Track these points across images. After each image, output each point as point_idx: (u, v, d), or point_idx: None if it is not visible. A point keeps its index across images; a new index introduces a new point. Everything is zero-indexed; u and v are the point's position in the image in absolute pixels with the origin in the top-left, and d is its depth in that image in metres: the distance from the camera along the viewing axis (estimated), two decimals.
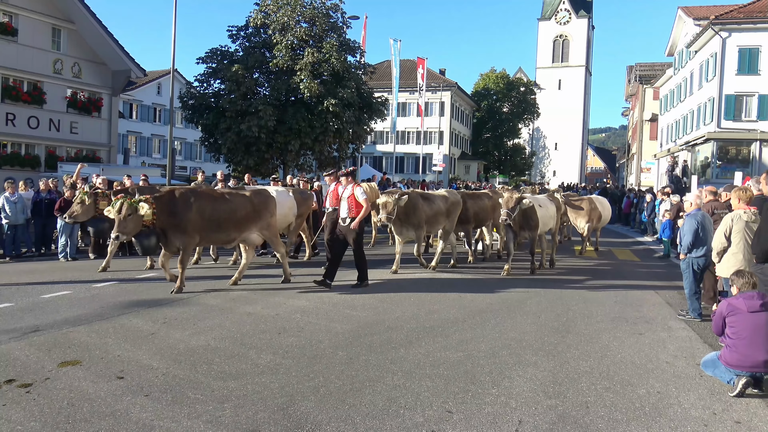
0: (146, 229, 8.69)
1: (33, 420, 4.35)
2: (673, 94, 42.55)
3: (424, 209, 11.80)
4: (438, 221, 12.28)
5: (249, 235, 10.01)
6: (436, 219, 12.16)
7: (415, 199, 11.68)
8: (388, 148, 48.89)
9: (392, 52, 35.52)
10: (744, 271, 5.76)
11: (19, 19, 24.66)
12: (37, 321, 7.19)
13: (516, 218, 11.49)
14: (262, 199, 10.26)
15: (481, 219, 13.99)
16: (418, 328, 7.35)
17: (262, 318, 7.65)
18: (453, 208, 12.64)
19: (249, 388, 5.10)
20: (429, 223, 12.02)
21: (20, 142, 25.66)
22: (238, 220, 9.67)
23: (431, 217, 11.98)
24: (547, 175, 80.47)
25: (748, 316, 5.29)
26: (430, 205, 12.02)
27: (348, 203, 9.90)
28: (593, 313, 8.57)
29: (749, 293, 5.41)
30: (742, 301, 5.37)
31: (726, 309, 5.47)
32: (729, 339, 5.42)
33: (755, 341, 5.22)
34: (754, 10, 31.20)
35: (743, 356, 5.24)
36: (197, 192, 9.49)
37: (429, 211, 11.92)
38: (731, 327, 5.40)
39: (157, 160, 45.68)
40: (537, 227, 12.05)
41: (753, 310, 5.29)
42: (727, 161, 31.60)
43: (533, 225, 11.96)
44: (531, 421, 4.59)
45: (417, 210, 11.62)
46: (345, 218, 9.91)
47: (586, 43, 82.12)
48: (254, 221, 9.93)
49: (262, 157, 28.28)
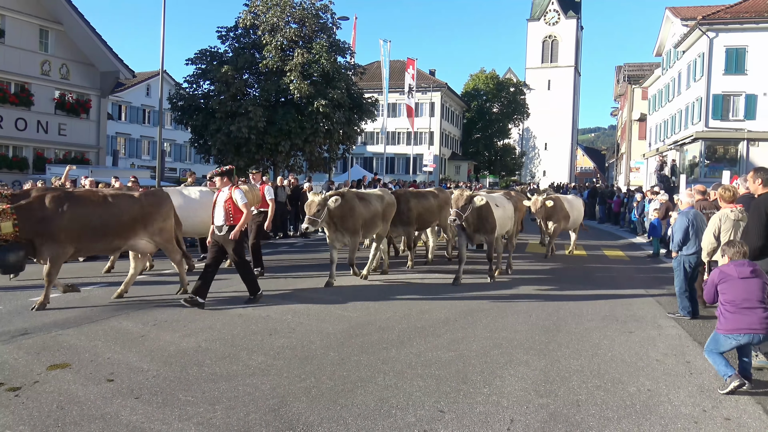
0: (7, 243, 7.48)
1: (22, 424, 4.31)
2: (662, 94, 42.84)
3: (361, 211, 10.43)
4: (375, 224, 10.98)
5: (137, 242, 8.79)
6: (373, 222, 10.86)
7: (351, 200, 10.29)
8: (379, 149, 48.89)
9: (382, 53, 35.54)
10: (735, 241, 5.79)
11: (6, 20, 24.48)
12: (25, 324, 7.12)
13: (469, 219, 10.30)
14: (153, 200, 9.00)
15: (426, 220, 12.70)
16: (410, 328, 7.35)
17: (252, 319, 7.62)
18: (389, 210, 11.45)
19: (240, 390, 5.08)
20: (366, 227, 10.68)
21: (8, 144, 25.47)
22: (122, 225, 8.44)
23: (368, 220, 10.66)
24: (537, 175, 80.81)
25: (738, 281, 5.36)
26: (367, 207, 10.67)
27: (225, 209, 8.45)
28: (583, 311, 8.61)
29: (740, 261, 5.46)
30: (732, 268, 5.43)
31: (717, 276, 5.52)
32: (722, 306, 5.48)
33: (748, 305, 5.30)
34: (741, 11, 31.47)
35: (738, 321, 5.31)
36: (73, 195, 8.27)
37: (366, 213, 10.57)
38: (723, 294, 5.45)
39: (147, 162, 45.49)
40: (494, 229, 10.84)
41: (743, 276, 5.35)
42: (715, 160, 31.83)
43: (489, 227, 10.73)
44: (522, 419, 4.60)
45: (354, 212, 10.23)
46: (221, 226, 8.46)
47: (575, 43, 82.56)
48: (143, 226, 8.70)
49: (252, 158, 28.21)
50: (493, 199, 11.45)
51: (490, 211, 10.72)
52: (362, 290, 9.86)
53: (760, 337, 5.26)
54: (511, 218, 11.97)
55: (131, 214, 8.55)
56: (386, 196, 11.54)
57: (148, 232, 8.80)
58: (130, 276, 9.00)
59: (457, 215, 9.96)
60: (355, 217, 10.23)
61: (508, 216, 11.70)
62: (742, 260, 5.47)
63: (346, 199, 10.11)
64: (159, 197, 9.23)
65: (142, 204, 8.75)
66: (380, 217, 11.08)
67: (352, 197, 10.40)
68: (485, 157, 64.87)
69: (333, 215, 9.89)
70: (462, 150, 66.12)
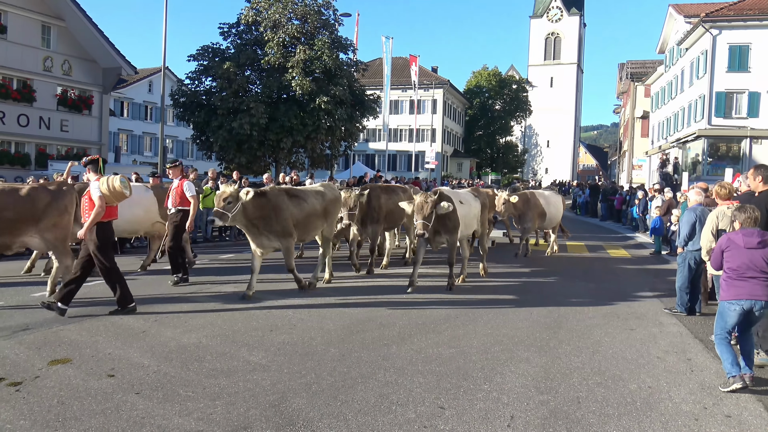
0: None
1: (23, 418, 4.32)
2: (664, 91, 42.75)
3: (292, 211, 9.08)
4: (313, 225, 9.64)
5: (29, 240, 8.22)
6: (310, 223, 9.50)
7: (276, 198, 8.93)
8: (381, 146, 48.87)
9: (384, 50, 35.49)
10: (746, 206, 5.72)
11: (8, 17, 24.48)
12: (26, 319, 7.13)
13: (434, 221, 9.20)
14: (45, 195, 8.22)
15: (396, 218, 11.80)
16: (410, 324, 7.35)
17: (253, 315, 7.62)
18: (332, 207, 10.10)
19: (240, 386, 5.08)
20: (302, 229, 9.35)
21: (10, 140, 25.50)
22: (7, 221, 7.86)
23: (304, 220, 9.32)
24: (539, 173, 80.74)
25: (744, 251, 5.36)
26: (300, 205, 9.30)
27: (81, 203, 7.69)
28: (585, 309, 8.60)
29: (750, 230, 5.44)
30: (740, 237, 5.43)
31: (725, 243, 5.53)
32: (725, 273, 5.50)
33: (751, 275, 5.32)
34: (744, 8, 31.38)
35: (740, 287, 5.34)
36: None
37: (299, 212, 9.22)
38: (727, 261, 5.47)
39: (149, 158, 45.50)
40: (456, 229, 9.73)
41: (749, 246, 5.35)
42: (717, 158, 31.80)
43: (451, 226, 9.64)
44: (523, 416, 4.60)
45: (280, 212, 8.85)
46: None
47: (578, 40, 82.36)
48: (34, 222, 8.04)
49: (254, 154, 28.24)
50: (457, 195, 10.38)
51: (453, 209, 9.60)
52: (362, 287, 9.86)
53: (762, 304, 5.29)
54: (477, 216, 10.92)
55: (17, 210, 7.91)
56: (328, 192, 10.17)
57: (38, 229, 8.10)
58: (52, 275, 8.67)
59: (424, 226, 8.85)
60: (282, 217, 8.83)
61: (473, 215, 10.67)
62: (752, 229, 5.45)
63: (269, 198, 8.80)
64: (54, 191, 8.36)
65: (33, 198, 8.08)
66: (320, 216, 9.73)
67: (277, 195, 9.01)
68: (487, 154, 64.85)
69: (251, 215, 8.50)
70: (464, 147, 66.08)
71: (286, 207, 8.95)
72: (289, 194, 9.34)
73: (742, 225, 5.55)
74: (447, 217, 9.44)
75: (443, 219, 9.40)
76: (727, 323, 5.48)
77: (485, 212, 11.48)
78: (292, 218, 9.01)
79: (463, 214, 9.98)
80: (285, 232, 8.88)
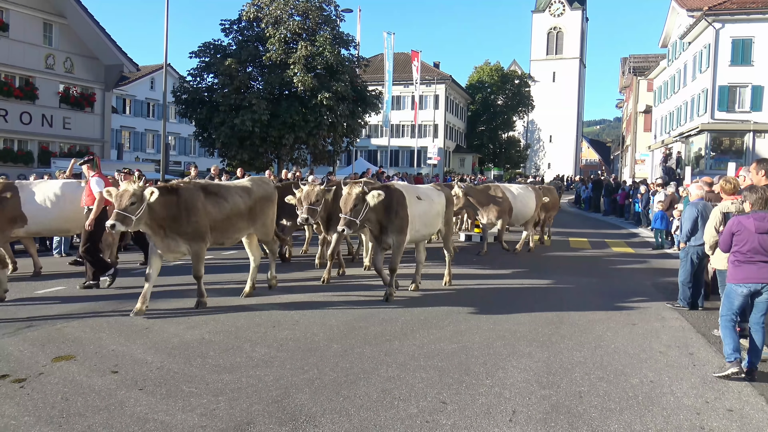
0: None
1: (27, 414, 4.34)
2: (667, 85, 42.61)
3: (208, 210, 7.78)
4: (235, 227, 8.33)
5: None
6: (231, 224, 8.23)
7: (188, 195, 7.62)
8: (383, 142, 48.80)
9: (386, 45, 35.43)
10: (757, 187, 5.71)
11: (10, 14, 24.50)
12: (30, 316, 7.16)
13: (372, 217, 8.20)
14: None
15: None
16: (413, 320, 7.36)
17: (256, 311, 7.64)
18: (261, 206, 8.74)
19: (243, 381, 5.10)
20: (219, 231, 8.05)
21: (13, 138, 25.55)
22: None
23: (222, 221, 8.03)
24: (542, 168, 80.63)
25: (754, 235, 5.38)
26: (219, 204, 7.99)
27: None
28: (587, 303, 8.61)
29: (762, 214, 5.43)
30: (751, 221, 5.42)
31: (735, 226, 5.53)
32: (733, 255, 5.50)
33: (760, 258, 5.34)
34: (747, 1, 31.24)
35: (748, 270, 5.38)
36: None
37: (217, 212, 7.93)
38: (736, 244, 5.49)
39: (151, 155, 45.55)
40: (404, 229, 8.48)
41: (761, 231, 5.36)
42: (720, 152, 31.70)
43: (399, 225, 8.39)
44: (525, 411, 4.61)
45: (192, 211, 7.54)
46: None
47: (580, 35, 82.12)
48: None
49: (256, 151, 28.25)
50: (415, 190, 9.31)
51: (401, 204, 8.44)
52: (364, 282, 9.88)
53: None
54: (440, 214, 9.62)
55: None
56: (256, 188, 8.79)
57: None
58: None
59: (349, 222, 7.83)
60: (194, 218, 7.55)
61: (434, 212, 9.36)
62: (763, 213, 5.43)
63: (181, 195, 7.56)
64: None
65: None
66: (244, 216, 8.42)
67: (191, 192, 7.72)
68: (490, 149, 64.74)
69: (158, 216, 7.31)
70: (466, 143, 66.00)
71: (200, 206, 7.70)
72: (207, 191, 8.03)
73: (752, 206, 5.53)
74: (394, 213, 8.34)
75: (389, 215, 8.33)
76: (733, 305, 5.51)
77: (451, 209, 10.15)
78: (208, 219, 7.78)
79: (421, 212, 8.87)
80: (196, 235, 7.61)
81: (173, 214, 7.44)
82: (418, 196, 9.01)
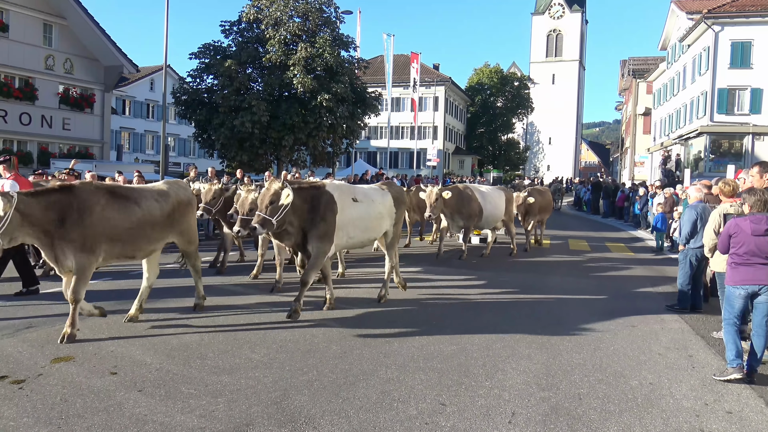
0: None
1: (26, 416, 4.34)
2: (666, 88, 42.65)
3: (109, 216, 6.42)
4: (148, 237, 6.91)
5: None
6: (142, 234, 6.81)
7: (86, 195, 6.32)
8: (382, 144, 48.84)
9: (385, 47, 35.45)
10: (756, 189, 5.71)
11: (10, 15, 24.52)
12: (30, 317, 7.16)
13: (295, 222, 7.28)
14: None
15: None
16: (412, 321, 7.36)
17: (255, 313, 7.64)
18: (181, 212, 7.44)
19: (242, 383, 5.10)
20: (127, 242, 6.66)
21: (12, 138, 25.56)
22: None
23: (131, 230, 6.65)
24: (541, 170, 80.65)
25: (750, 238, 5.39)
26: (127, 209, 6.66)
27: None
28: (586, 305, 8.61)
29: (758, 216, 5.44)
30: (748, 224, 5.43)
31: (732, 228, 5.54)
32: (731, 257, 5.52)
33: (757, 261, 5.36)
34: (747, 4, 31.27)
35: (745, 272, 5.39)
36: None
37: (123, 219, 6.57)
38: (734, 246, 5.50)
39: (151, 156, 45.53)
40: (326, 237, 7.45)
41: (757, 233, 5.36)
42: (719, 155, 31.72)
43: (323, 229, 7.41)
44: (524, 413, 4.61)
45: (86, 215, 6.20)
46: None
47: (580, 37, 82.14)
48: None
49: (256, 152, 28.24)
50: (352, 191, 8.21)
51: (330, 208, 7.48)
52: (364, 284, 9.87)
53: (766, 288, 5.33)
54: (386, 217, 8.54)
55: None
56: (174, 192, 7.45)
57: None
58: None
59: (263, 221, 6.91)
60: (86, 224, 6.20)
61: (375, 215, 8.30)
62: (760, 215, 5.44)
63: (76, 195, 6.26)
64: None
65: None
66: (160, 224, 7.06)
67: (89, 192, 6.39)
68: (489, 151, 64.76)
69: (39, 221, 5.96)
70: (466, 144, 66.02)
71: (98, 210, 6.31)
72: (113, 193, 6.66)
73: (751, 208, 5.54)
74: (319, 218, 7.40)
75: (314, 220, 7.39)
76: (734, 308, 5.52)
77: (402, 209, 9.03)
78: (107, 227, 6.37)
79: (358, 215, 7.91)
80: (85, 247, 6.19)
81: (64, 217, 6.12)
82: (355, 197, 8.02)
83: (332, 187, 7.91)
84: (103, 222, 6.35)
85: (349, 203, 7.81)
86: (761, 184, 6.69)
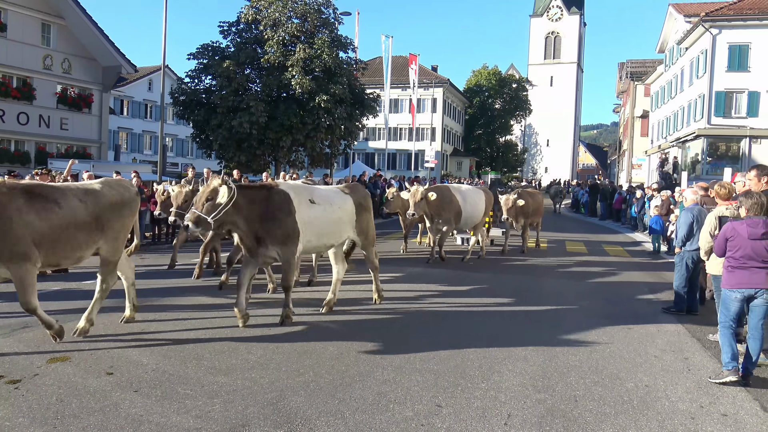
0: None
1: (21, 416, 4.34)
2: (664, 90, 42.74)
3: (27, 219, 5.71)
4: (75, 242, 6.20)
5: None
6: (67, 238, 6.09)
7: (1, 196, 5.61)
8: (381, 145, 48.89)
9: (384, 49, 35.46)
10: (753, 192, 5.71)
11: (8, 15, 24.47)
12: (26, 317, 7.13)
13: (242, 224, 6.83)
14: None
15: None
16: (409, 323, 7.37)
17: (252, 314, 7.62)
18: (113, 214, 6.59)
19: (239, 384, 5.10)
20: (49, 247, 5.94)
21: (9, 138, 25.49)
22: None
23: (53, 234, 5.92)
24: (539, 172, 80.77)
25: (747, 241, 5.39)
26: (48, 211, 5.92)
27: None
28: (583, 307, 8.62)
29: (755, 220, 5.43)
30: (745, 227, 5.43)
31: (729, 232, 5.55)
32: (727, 261, 5.53)
33: (753, 264, 5.37)
34: (744, 7, 31.36)
35: (742, 276, 5.40)
36: None
37: (42, 222, 5.83)
38: (730, 250, 5.51)
39: (149, 157, 45.47)
40: (290, 239, 7.05)
41: (753, 237, 5.37)
42: (717, 157, 31.79)
43: (281, 234, 6.96)
44: (520, 414, 4.62)
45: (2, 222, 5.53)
46: None
47: (578, 39, 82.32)
48: None
49: (254, 153, 28.22)
50: (309, 192, 7.66)
51: (284, 210, 7.01)
52: (360, 286, 9.87)
53: (763, 291, 5.35)
54: (346, 223, 8.03)
55: None
56: (107, 191, 6.64)
57: None
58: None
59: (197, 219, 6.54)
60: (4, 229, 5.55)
61: (334, 219, 7.76)
62: (757, 219, 5.44)
63: None
64: None
65: None
66: (87, 228, 6.28)
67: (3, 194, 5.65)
68: (487, 153, 64.87)
69: None
70: (464, 146, 66.08)
71: (14, 213, 5.62)
72: (32, 193, 5.92)
73: (748, 211, 5.54)
74: (272, 221, 6.91)
75: (266, 223, 6.90)
76: (730, 311, 5.54)
77: (366, 215, 8.39)
78: (29, 231, 5.71)
79: (313, 218, 7.36)
80: (12, 254, 5.61)
81: None
82: (312, 199, 7.48)
83: (287, 186, 7.49)
84: (24, 226, 5.67)
85: (305, 204, 7.32)
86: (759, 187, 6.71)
